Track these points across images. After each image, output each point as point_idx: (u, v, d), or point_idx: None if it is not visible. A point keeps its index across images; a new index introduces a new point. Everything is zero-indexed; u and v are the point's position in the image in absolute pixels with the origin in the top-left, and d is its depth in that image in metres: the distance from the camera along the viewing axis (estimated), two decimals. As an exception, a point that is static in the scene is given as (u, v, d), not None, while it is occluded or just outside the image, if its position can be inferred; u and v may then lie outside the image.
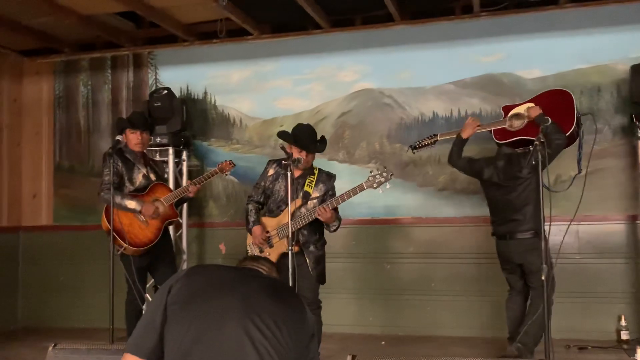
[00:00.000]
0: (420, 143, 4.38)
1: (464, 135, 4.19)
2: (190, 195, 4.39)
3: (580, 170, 4.06)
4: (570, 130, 3.95)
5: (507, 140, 4.13)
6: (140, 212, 4.17)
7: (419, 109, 5.42)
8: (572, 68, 5.01)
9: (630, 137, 4.91)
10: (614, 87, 4.98)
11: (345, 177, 4.78)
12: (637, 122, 4.65)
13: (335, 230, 3.86)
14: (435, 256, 5.22)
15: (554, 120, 3.85)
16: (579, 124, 4.09)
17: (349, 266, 5.34)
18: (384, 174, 3.68)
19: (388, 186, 3.67)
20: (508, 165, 4.04)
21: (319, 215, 3.69)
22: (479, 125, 4.21)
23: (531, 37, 5.11)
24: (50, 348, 2.47)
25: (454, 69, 5.30)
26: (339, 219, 3.85)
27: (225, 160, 4.51)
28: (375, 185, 3.67)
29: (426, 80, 5.38)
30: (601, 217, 4.85)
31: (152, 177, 4.35)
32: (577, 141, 4.13)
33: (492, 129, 4.21)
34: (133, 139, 4.31)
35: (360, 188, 3.68)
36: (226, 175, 4.52)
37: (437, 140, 4.35)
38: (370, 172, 3.71)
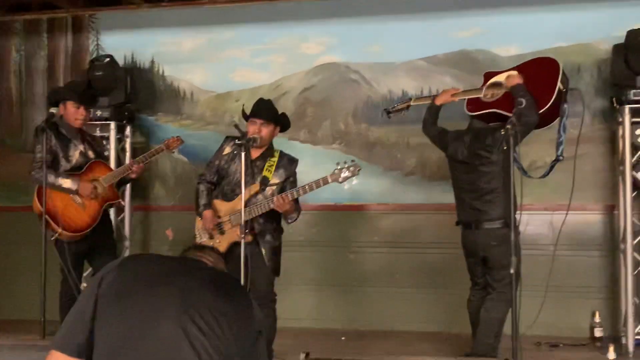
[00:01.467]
0: (394, 107, 4.39)
1: (437, 102, 4.13)
2: (134, 175, 4.28)
3: (560, 157, 3.92)
4: (546, 107, 3.84)
5: (478, 112, 4.05)
6: (76, 192, 4.07)
7: (387, 86, 5.38)
8: (551, 46, 4.96)
9: (610, 121, 4.94)
10: (595, 68, 5.00)
11: (307, 157, 4.74)
12: (618, 106, 4.64)
13: (293, 221, 3.85)
14: (401, 245, 5.23)
15: (534, 93, 3.78)
16: (562, 100, 3.92)
17: (309, 256, 5.30)
18: (351, 168, 3.67)
19: (355, 182, 3.70)
20: (475, 141, 3.95)
21: (276, 206, 3.68)
22: (455, 94, 4.14)
23: (509, 12, 5.11)
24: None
25: (427, 43, 5.27)
26: (298, 210, 3.83)
27: (173, 136, 4.42)
28: (340, 179, 3.68)
29: (396, 55, 5.35)
30: (577, 207, 4.63)
31: (91, 154, 4.24)
32: (559, 121, 3.94)
33: (468, 97, 4.12)
34: (75, 113, 4.16)
35: (325, 181, 3.68)
36: (173, 152, 4.48)
37: (410, 105, 4.32)
38: (337, 164, 3.70)
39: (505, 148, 3.63)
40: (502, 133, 3.58)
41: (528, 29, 5.08)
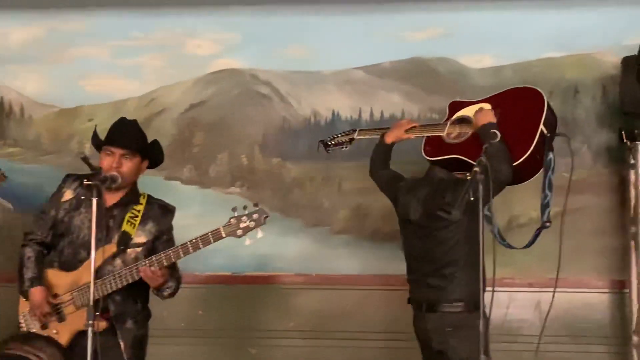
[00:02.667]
0: (333, 139, 4.36)
1: (387, 140, 4.09)
2: None
3: (546, 223, 3.88)
4: (524, 157, 3.80)
5: (438, 158, 4.00)
6: None
7: (312, 105, 5.28)
8: (539, 56, 5.00)
9: (618, 163, 4.86)
10: (598, 88, 5.00)
11: (194, 206, 4.90)
12: (629, 142, 4.59)
13: (169, 295, 3.71)
14: (328, 335, 5.06)
15: (508, 137, 3.73)
16: (545, 148, 3.91)
17: (192, 350, 5.09)
18: (255, 216, 3.50)
19: (260, 234, 3.52)
20: (432, 197, 3.93)
21: (143, 276, 3.53)
22: (411, 129, 4.10)
23: (483, 8, 5.06)
24: None
25: (367, 47, 5.20)
26: (176, 278, 3.71)
27: None
28: (239, 232, 3.50)
29: (324, 61, 5.26)
30: (574, 282, 4.72)
31: None
32: (543, 175, 3.94)
33: (427, 135, 4.08)
34: None
35: (217, 236, 3.52)
36: None
37: (354, 138, 4.30)
38: (233, 210, 3.50)
39: (472, 199, 3.50)
40: (467, 183, 3.49)
41: (509, 32, 5.04)
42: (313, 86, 5.31)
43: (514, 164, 3.73)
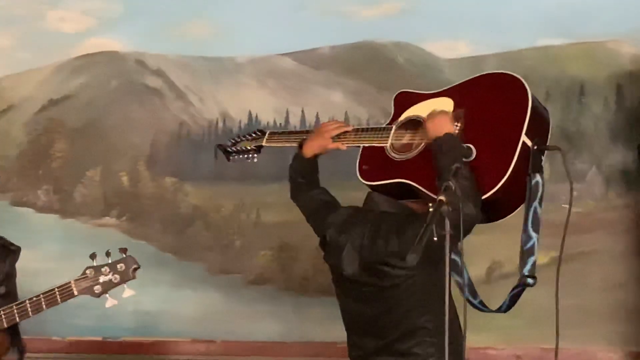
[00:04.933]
0: (236, 144, 4.07)
1: (306, 151, 3.77)
2: None
3: (528, 277, 3.51)
4: (497, 187, 3.41)
5: (378, 182, 3.66)
6: None
7: (220, 104, 5.08)
8: (532, 44, 4.82)
9: (636, 191, 4.68)
10: (611, 87, 4.78)
11: (52, 244, 4.84)
12: None
13: None
14: None
15: (479, 153, 3.44)
16: (531, 167, 3.55)
17: None
18: (119, 266, 3.28)
19: (127, 293, 3.29)
20: (372, 243, 3.63)
21: None
22: (342, 135, 3.79)
23: None
24: None
25: (299, 27, 5.04)
26: (19, 348, 3.47)
27: None
28: (97, 289, 3.29)
29: (238, 45, 5.04)
30: (577, 355, 4.53)
31: None
32: (526, 207, 3.59)
33: (365, 144, 3.75)
34: None
35: (66, 293, 3.28)
36: None
37: (262, 145, 3.99)
38: (92, 257, 3.25)
39: (434, 242, 3.10)
40: (427, 224, 3.05)
41: (493, 11, 4.84)
42: (222, 78, 5.10)
43: (484, 196, 3.37)
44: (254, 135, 3.99)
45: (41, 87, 5.13)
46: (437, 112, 3.51)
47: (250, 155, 3.97)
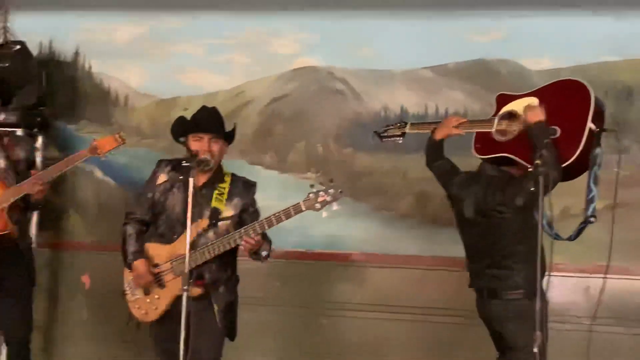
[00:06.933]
0: (386, 131, 4.30)
1: (437, 136, 4.05)
2: (37, 196, 4.14)
3: (591, 217, 3.74)
4: (575, 156, 3.66)
5: (489, 156, 3.92)
6: None
7: (382, 101, 5.36)
8: (596, 60, 4.95)
9: None
10: None
11: (273, 188, 4.87)
12: None
13: (266, 257, 3.77)
14: (393, 310, 5.12)
15: (557, 135, 3.67)
16: (593, 143, 3.74)
17: (269, 319, 5.23)
18: (331, 191, 3.56)
19: (335, 207, 3.58)
20: (484, 196, 3.88)
21: (246, 247, 3.62)
22: (460, 124, 4.03)
23: (542, 13, 5.05)
24: None
25: (434, 49, 5.25)
26: (269, 241, 3.76)
27: (110, 135, 4.20)
28: (317, 205, 3.56)
29: (394, 61, 5.32)
30: (623, 270, 4.60)
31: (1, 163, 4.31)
32: (589, 170, 3.78)
33: (476, 130, 3.99)
34: None
35: (297, 209, 3.57)
36: (104, 157, 4.16)
37: (405, 132, 4.24)
38: (311, 186, 3.58)
39: (528, 198, 3.55)
40: (525, 183, 3.51)
41: (567, 36, 5.02)
42: (383, 84, 5.36)
43: (564, 165, 3.62)
44: (399, 125, 4.27)
45: (267, 90, 5.52)
46: (534, 105, 3.73)
47: (397, 139, 4.26)
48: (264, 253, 3.73)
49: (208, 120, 3.81)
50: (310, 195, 3.56)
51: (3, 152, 4.33)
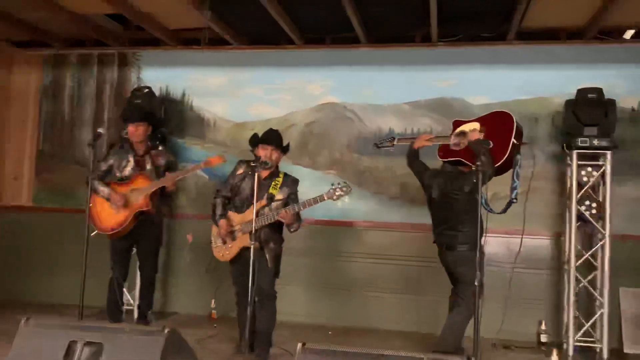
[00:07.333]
0: (382, 142, 4.32)
1: (415, 146, 4.10)
2: (169, 189, 4.32)
3: (513, 199, 3.76)
4: (502, 160, 3.67)
5: (448, 159, 3.98)
6: (108, 199, 4.22)
7: (377, 124, 5.38)
8: (514, 98, 5.02)
9: (560, 163, 4.95)
10: (550, 118, 5.01)
11: (308, 180, 4.83)
12: (567, 151, 4.69)
13: (294, 231, 3.83)
14: (383, 257, 5.21)
15: (493, 146, 3.70)
16: (515, 152, 3.76)
17: (305, 262, 5.28)
18: (344, 189, 3.66)
19: (346, 200, 3.91)
20: (444, 184, 3.91)
21: (281, 217, 3.68)
22: (429, 139, 4.10)
23: (481, 68, 5.17)
24: (23, 322, 2.43)
25: (411, 90, 5.29)
26: (299, 221, 3.81)
27: (217, 154, 4.37)
28: (335, 197, 3.67)
29: (385, 98, 5.36)
30: (532, 232, 4.73)
31: (148, 166, 4.35)
32: (513, 169, 3.78)
33: (440, 143, 4.04)
34: (129, 131, 4.42)
35: (321, 199, 3.67)
36: (215, 167, 4.33)
37: (394, 144, 4.27)
38: (332, 185, 3.66)
39: (472, 186, 3.60)
40: (470, 176, 3.55)
41: (495, 82, 5.11)
42: (378, 113, 5.35)
43: (495, 165, 3.66)
44: (389, 139, 4.33)
45: (304, 117, 5.51)
46: (475, 129, 3.83)
47: (389, 148, 4.31)
48: (292, 228, 3.77)
49: (271, 137, 3.83)
50: (331, 190, 3.64)
51: (150, 160, 4.41)
